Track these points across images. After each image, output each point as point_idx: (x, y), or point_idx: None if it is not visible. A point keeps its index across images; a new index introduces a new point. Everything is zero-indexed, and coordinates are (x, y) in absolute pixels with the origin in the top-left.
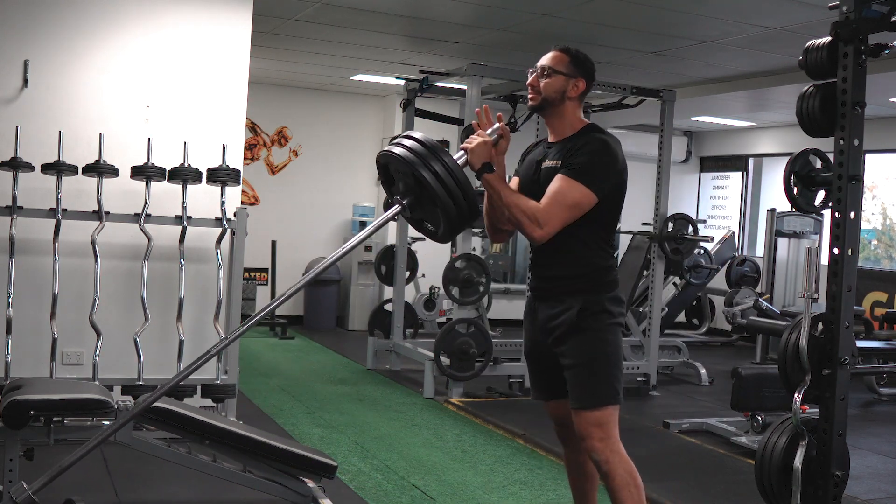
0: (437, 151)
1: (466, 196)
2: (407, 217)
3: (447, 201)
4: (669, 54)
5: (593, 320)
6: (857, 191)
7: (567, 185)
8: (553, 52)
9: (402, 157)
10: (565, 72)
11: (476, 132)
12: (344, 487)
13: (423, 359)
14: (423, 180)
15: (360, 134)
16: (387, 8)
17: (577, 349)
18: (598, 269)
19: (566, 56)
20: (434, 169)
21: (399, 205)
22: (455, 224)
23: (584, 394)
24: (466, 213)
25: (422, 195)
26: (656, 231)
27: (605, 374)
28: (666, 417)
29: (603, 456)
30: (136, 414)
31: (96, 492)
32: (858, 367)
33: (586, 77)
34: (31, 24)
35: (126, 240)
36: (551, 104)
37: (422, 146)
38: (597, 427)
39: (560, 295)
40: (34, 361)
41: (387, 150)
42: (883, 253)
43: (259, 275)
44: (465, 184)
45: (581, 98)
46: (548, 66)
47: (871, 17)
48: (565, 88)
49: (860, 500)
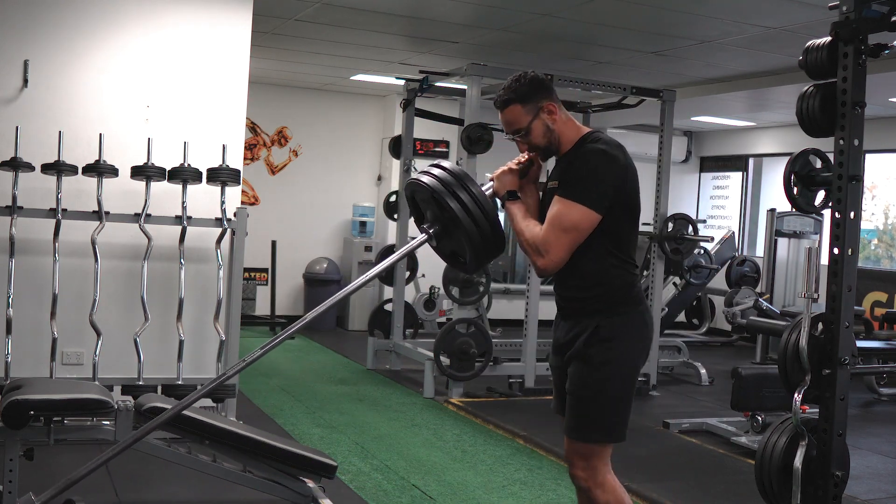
0: (463, 180)
1: (492, 225)
2: (434, 246)
3: (472, 230)
4: (669, 54)
5: (600, 350)
6: (857, 191)
7: (564, 208)
8: (502, 112)
9: (429, 185)
10: (530, 117)
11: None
12: (344, 487)
13: (423, 359)
14: (447, 209)
15: (360, 134)
16: (387, 8)
17: (579, 379)
18: (614, 288)
19: (515, 104)
20: (460, 197)
21: (426, 234)
22: (480, 253)
23: (575, 425)
24: (491, 242)
25: (448, 224)
26: (656, 231)
27: (601, 412)
28: (666, 417)
29: (584, 485)
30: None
31: (96, 492)
32: (858, 367)
33: (546, 95)
34: (31, 24)
35: (126, 240)
36: (552, 145)
37: (449, 175)
38: (580, 458)
39: (577, 315)
40: (34, 361)
41: (414, 179)
42: (883, 253)
43: (259, 275)
44: (491, 213)
45: (562, 112)
46: (513, 129)
47: (871, 17)
48: (545, 125)
49: (860, 500)
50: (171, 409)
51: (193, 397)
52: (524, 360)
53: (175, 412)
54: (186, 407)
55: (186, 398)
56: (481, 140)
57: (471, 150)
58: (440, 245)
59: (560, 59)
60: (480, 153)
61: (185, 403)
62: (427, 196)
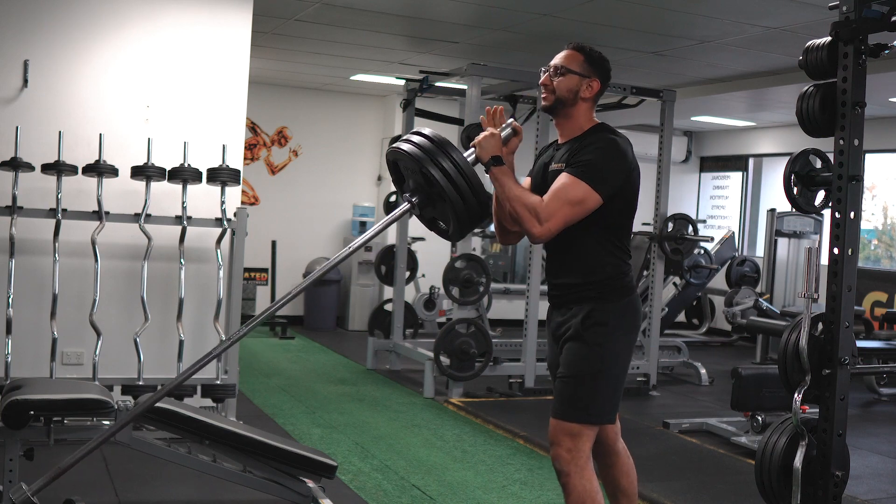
0: (445, 147)
1: (475, 191)
2: (417, 215)
3: (455, 197)
4: (669, 54)
5: (594, 332)
6: (857, 191)
7: (570, 182)
8: (567, 50)
9: (410, 153)
10: (579, 71)
11: (485, 129)
12: (344, 487)
13: (423, 359)
14: (430, 176)
15: (360, 134)
16: (387, 8)
17: (570, 360)
18: (608, 277)
19: (580, 55)
20: (442, 164)
21: (408, 202)
22: (464, 221)
23: (564, 406)
24: (476, 209)
25: (431, 192)
26: (656, 231)
27: (592, 393)
28: (666, 417)
29: (566, 468)
30: (137, 415)
31: (96, 492)
32: (858, 367)
33: (601, 77)
34: (31, 24)
35: (126, 240)
36: (564, 104)
37: (430, 142)
38: (568, 437)
39: (569, 303)
40: (34, 361)
41: (395, 147)
42: (883, 253)
43: (259, 275)
44: (474, 179)
45: (595, 99)
46: (561, 64)
47: (871, 17)
48: (579, 88)
49: (860, 500)
50: (154, 394)
51: (175, 382)
52: (524, 360)
53: (159, 397)
54: (161, 398)
55: (169, 383)
56: None
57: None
58: (423, 213)
59: None
60: None
61: (160, 395)
62: (409, 164)
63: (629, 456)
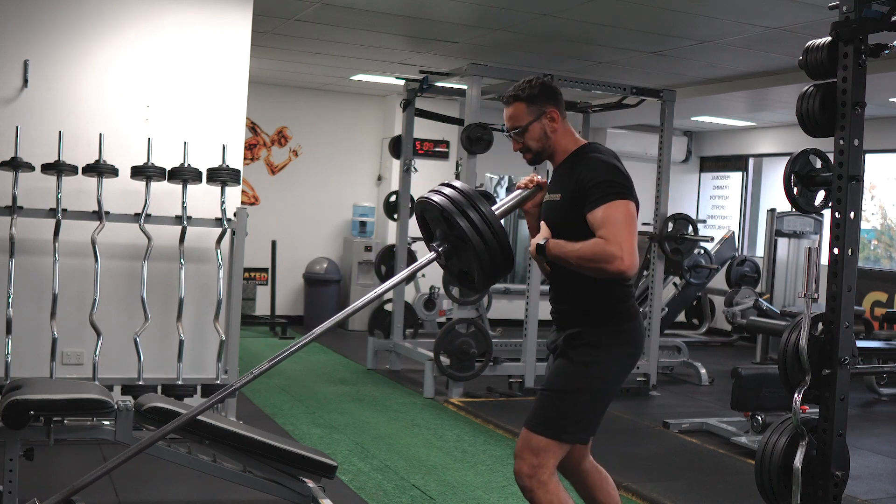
0: (473, 199)
1: (501, 244)
2: (442, 265)
3: (482, 248)
4: (669, 54)
5: (582, 352)
6: (857, 191)
7: (608, 209)
8: (507, 108)
9: (439, 204)
10: (532, 118)
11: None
12: (344, 487)
13: (423, 359)
14: (457, 227)
15: (360, 134)
16: (387, 8)
17: (553, 376)
18: (607, 299)
19: (521, 103)
20: (469, 216)
21: (434, 252)
22: (489, 272)
23: (536, 418)
24: (500, 261)
25: (457, 244)
26: (656, 231)
27: (567, 411)
28: (666, 417)
29: (527, 483)
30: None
31: (96, 492)
32: (858, 367)
33: (551, 101)
34: (31, 24)
35: (126, 240)
36: (544, 150)
37: (459, 194)
38: (531, 452)
39: (568, 328)
40: (34, 361)
41: (424, 198)
42: (883, 253)
43: (259, 275)
44: (500, 232)
45: (563, 120)
46: (514, 126)
47: (871, 17)
48: (544, 130)
49: (860, 500)
50: (185, 415)
51: (206, 405)
52: (524, 360)
53: (189, 418)
54: (200, 413)
55: (199, 406)
56: (481, 140)
57: (471, 149)
58: (449, 264)
59: (560, 59)
60: (480, 153)
61: (200, 409)
62: (437, 214)
63: (600, 470)
